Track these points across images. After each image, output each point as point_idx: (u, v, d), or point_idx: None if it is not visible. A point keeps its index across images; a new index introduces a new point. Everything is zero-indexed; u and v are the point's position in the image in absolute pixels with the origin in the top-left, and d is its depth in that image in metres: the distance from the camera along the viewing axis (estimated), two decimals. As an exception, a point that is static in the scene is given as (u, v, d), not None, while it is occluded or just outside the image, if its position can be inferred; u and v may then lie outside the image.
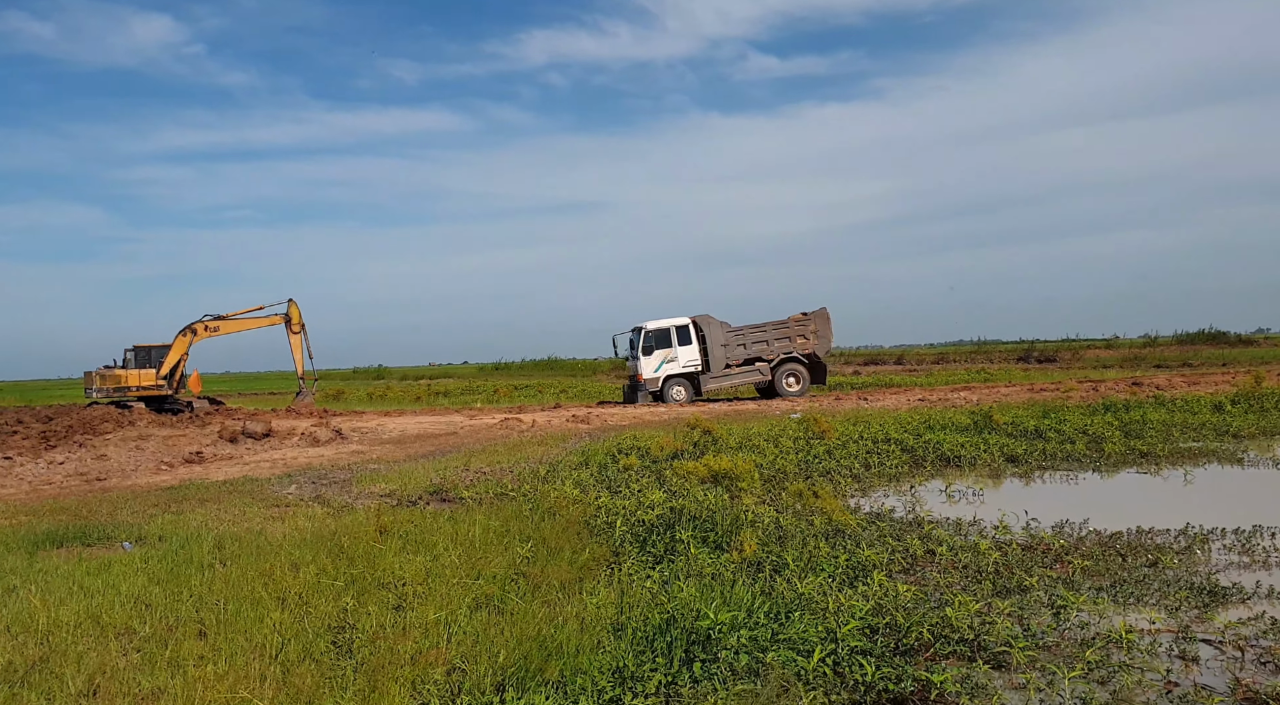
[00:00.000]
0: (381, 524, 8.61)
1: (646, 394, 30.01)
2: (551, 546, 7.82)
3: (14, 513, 12.12)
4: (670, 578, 6.85)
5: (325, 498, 12.45)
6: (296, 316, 36.89)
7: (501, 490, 12.20)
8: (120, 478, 16.55)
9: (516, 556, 7.47)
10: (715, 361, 30.23)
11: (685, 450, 14.43)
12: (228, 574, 7.69)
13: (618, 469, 13.48)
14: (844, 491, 11.62)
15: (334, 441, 21.08)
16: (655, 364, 30.10)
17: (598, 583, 6.81)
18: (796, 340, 31.10)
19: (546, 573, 6.97)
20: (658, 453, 14.65)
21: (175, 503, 12.37)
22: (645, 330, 30.09)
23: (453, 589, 6.79)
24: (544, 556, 7.36)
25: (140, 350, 35.91)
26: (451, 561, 7.52)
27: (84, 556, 9.06)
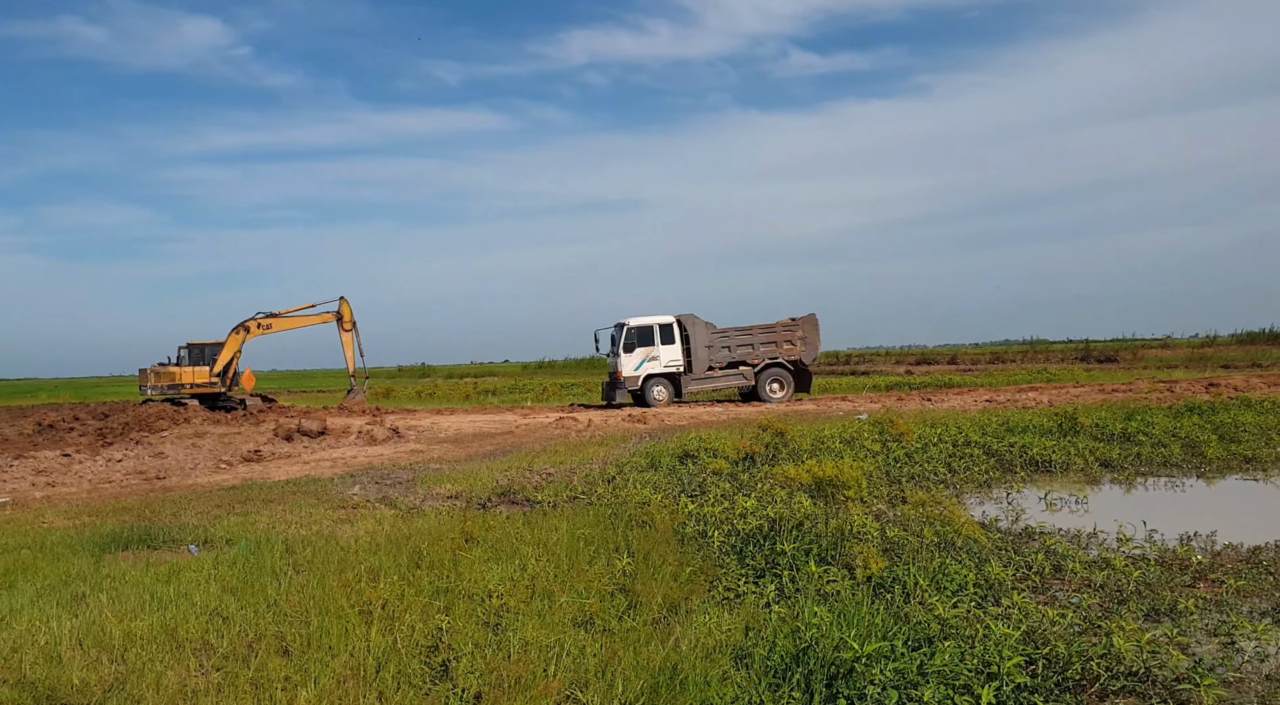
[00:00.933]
0: (467, 531, 8.14)
1: (625, 392, 28.95)
2: (647, 559, 7.29)
3: (77, 512, 11.87)
4: (789, 597, 6.30)
5: (391, 499, 12.05)
6: (348, 314, 36.83)
7: (573, 493, 11.73)
8: (180, 476, 16.33)
9: (615, 570, 6.95)
10: (698, 363, 29.23)
11: (758, 453, 13.85)
12: (304, 583, 7.26)
13: (688, 472, 12.96)
14: (937, 498, 10.97)
15: (391, 440, 20.77)
16: (636, 362, 28.90)
17: (705, 601, 6.28)
18: (783, 346, 30.17)
19: (650, 589, 6.45)
20: (730, 455, 14.11)
21: (239, 504, 12.05)
22: (628, 326, 28.91)
23: (550, 604, 6.29)
24: (645, 571, 6.83)
25: (194, 348, 36.07)
26: (542, 573, 7.03)
27: (151, 561, 8.71)
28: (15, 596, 7.30)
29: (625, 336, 28.69)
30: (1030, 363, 53.15)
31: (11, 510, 12.25)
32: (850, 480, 7.23)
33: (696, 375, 29.19)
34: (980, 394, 28.26)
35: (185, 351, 36.11)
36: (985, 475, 12.81)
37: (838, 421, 19.69)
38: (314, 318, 36.91)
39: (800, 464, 13.33)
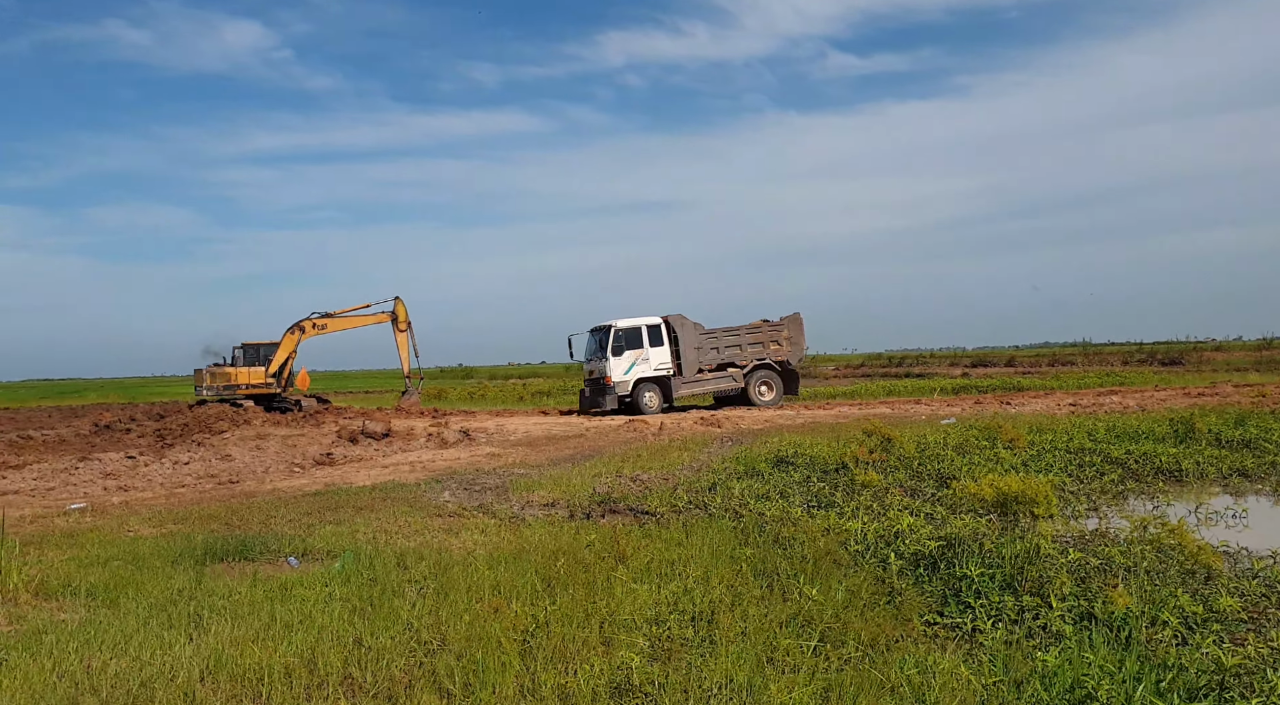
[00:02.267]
0: (620, 550, 7.47)
1: (614, 398, 27.11)
2: (812, 582, 6.58)
3: (160, 520, 11.37)
4: (984, 632, 5.57)
5: (488, 507, 11.44)
6: (403, 314, 36.48)
7: (679, 502, 11.04)
8: (255, 481, 15.85)
9: (779, 593, 6.23)
10: (688, 365, 27.92)
11: (864, 459, 13.08)
12: (435, 604, 6.63)
13: (790, 479, 12.24)
14: (1077, 511, 10.16)
15: (462, 443, 20.22)
16: (625, 366, 27.31)
17: (907, 636, 5.55)
18: (770, 346, 29.02)
19: (836, 619, 5.73)
20: (832, 461, 13.38)
21: (328, 510, 11.49)
22: (616, 329, 27.40)
23: (721, 634, 5.60)
24: (818, 596, 6.10)
25: (249, 348, 35.85)
26: (703, 596, 6.34)
27: (255, 575, 8.15)
28: (124, 617, 6.74)
29: (614, 339, 27.16)
30: (1090, 366, 51.70)
31: (92, 517, 11.79)
32: (1039, 496, 6.48)
33: (686, 378, 27.89)
34: (1058, 397, 27.21)
35: (240, 351, 35.90)
36: (1117, 486, 11.95)
37: (921, 426, 18.86)
38: (369, 318, 36.60)
39: (911, 468, 12.61)
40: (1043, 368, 52.22)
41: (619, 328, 27.49)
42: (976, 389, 33.84)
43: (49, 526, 11.15)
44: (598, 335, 28.20)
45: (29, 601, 7.39)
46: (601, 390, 27.28)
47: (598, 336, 28.18)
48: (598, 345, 27.98)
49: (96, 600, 7.37)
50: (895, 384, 37.55)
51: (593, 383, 27.97)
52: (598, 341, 28.09)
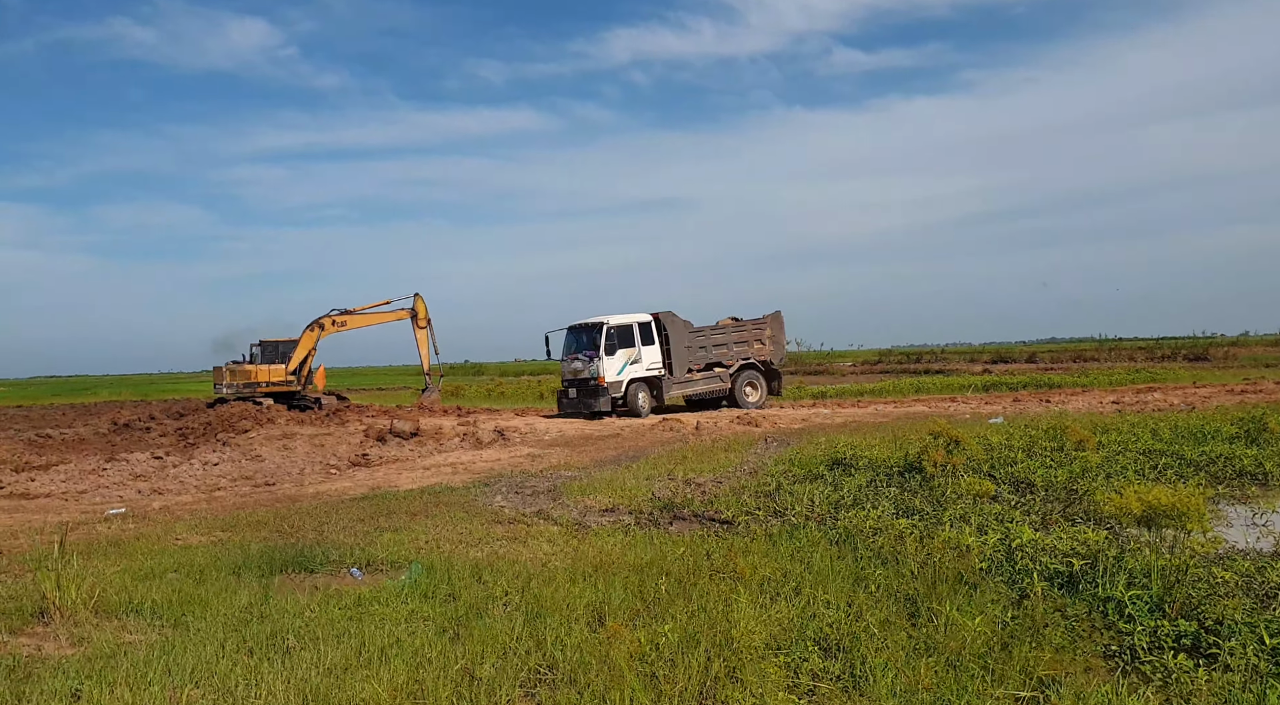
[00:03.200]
0: (736, 567, 6.95)
1: (608, 400, 25.43)
2: (945, 604, 6.07)
3: (207, 526, 10.90)
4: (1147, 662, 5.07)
5: (547, 513, 10.95)
6: (423, 311, 36.01)
7: (747, 509, 10.55)
8: (293, 484, 15.38)
9: (944, 623, 5.72)
10: (678, 365, 26.66)
11: (942, 461, 12.56)
12: (537, 627, 6.14)
13: (857, 483, 11.73)
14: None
15: (497, 443, 19.75)
16: (619, 365, 25.68)
17: (1076, 671, 5.05)
18: (754, 345, 28.11)
19: (1001, 653, 5.22)
20: (894, 463, 12.89)
21: (381, 516, 11.02)
22: (609, 326, 25.74)
23: (878, 672, 5.09)
24: (982, 629, 5.58)
25: (267, 345, 35.42)
26: (830, 620, 5.84)
27: (326, 590, 7.67)
28: (197, 640, 6.26)
29: (606, 337, 25.55)
30: (1112, 362, 51.10)
31: (135, 523, 11.32)
32: (1190, 509, 5.96)
33: (677, 378, 26.69)
34: (1095, 395, 26.69)
35: (258, 349, 35.48)
36: (1205, 491, 11.39)
37: (971, 425, 18.35)
38: (389, 314, 36.14)
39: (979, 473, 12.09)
40: (1066, 364, 51.66)
41: (612, 325, 25.96)
42: (1007, 386, 33.32)
43: (92, 534, 10.69)
44: (585, 333, 26.49)
45: (89, 620, 6.92)
46: (593, 391, 25.66)
47: (585, 334, 26.48)
48: (586, 343, 26.28)
49: (162, 619, 6.90)
50: (922, 381, 37.00)
51: (580, 383, 26.17)
52: (585, 339, 26.37)
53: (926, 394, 31.87)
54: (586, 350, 25.91)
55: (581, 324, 26.67)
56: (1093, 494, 9.77)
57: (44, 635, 6.71)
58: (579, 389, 26.07)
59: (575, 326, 26.89)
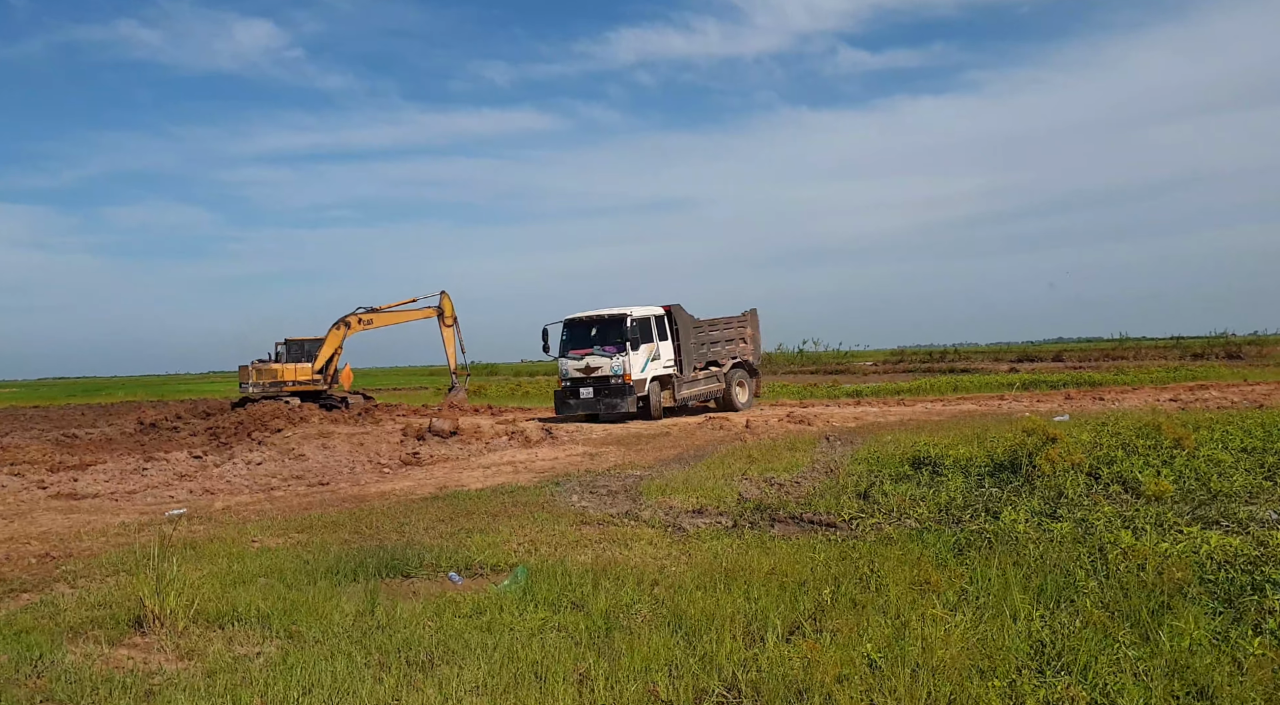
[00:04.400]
0: (925, 576, 6.39)
1: (634, 400, 23.13)
2: (1158, 621, 5.51)
3: (280, 528, 10.38)
4: None
5: (635, 514, 10.41)
6: (449, 309, 35.55)
7: (848, 511, 10.01)
8: (348, 483, 14.86)
9: (1173, 644, 5.16)
10: (687, 363, 24.74)
11: (1058, 460, 12.00)
12: (695, 643, 5.61)
13: (955, 483, 11.19)
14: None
15: (545, 441, 19.21)
16: (642, 362, 23.45)
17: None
18: (738, 343, 26.65)
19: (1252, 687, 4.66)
20: (982, 462, 12.35)
21: (460, 517, 10.48)
22: (633, 318, 23.48)
23: (1140, 696, 4.52)
24: (1225, 655, 4.99)
25: (292, 344, 34.97)
26: (1046, 639, 5.29)
27: (426, 595, 7.16)
28: (317, 653, 5.74)
29: (631, 331, 23.35)
30: (1143, 360, 50.39)
31: (203, 525, 10.80)
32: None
33: (686, 377, 24.74)
34: (1147, 393, 26.09)
35: (284, 348, 35.01)
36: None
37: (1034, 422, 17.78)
38: (415, 313, 35.69)
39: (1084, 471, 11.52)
40: (1093, 362, 50.95)
41: (636, 317, 23.64)
42: (1048, 384, 32.66)
43: (163, 536, 10.16)
44: (600, 326, 24.17)
45: (192, 630, 6.41)
46: (618, 391, 23.36)
47: (600, 327, 24.16)
48: (602, 337, 23.96)
49: (271, 628, 6.37)
50: (959, 380, 36.36)
51: (600, 382, 23.60)
52: (601, 333, 24.06)
53: (964, 392, 31.25)
54: (606, 344, 23.75)
55: (596, 316, 24.38)
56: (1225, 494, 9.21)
57: (146, 646, 6.20)
58: (598, 388, 23.68)
59: (584, 319, 24.52)
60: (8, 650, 6.10)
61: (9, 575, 8.35)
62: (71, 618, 6.83)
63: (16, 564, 8.84)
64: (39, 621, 6.79)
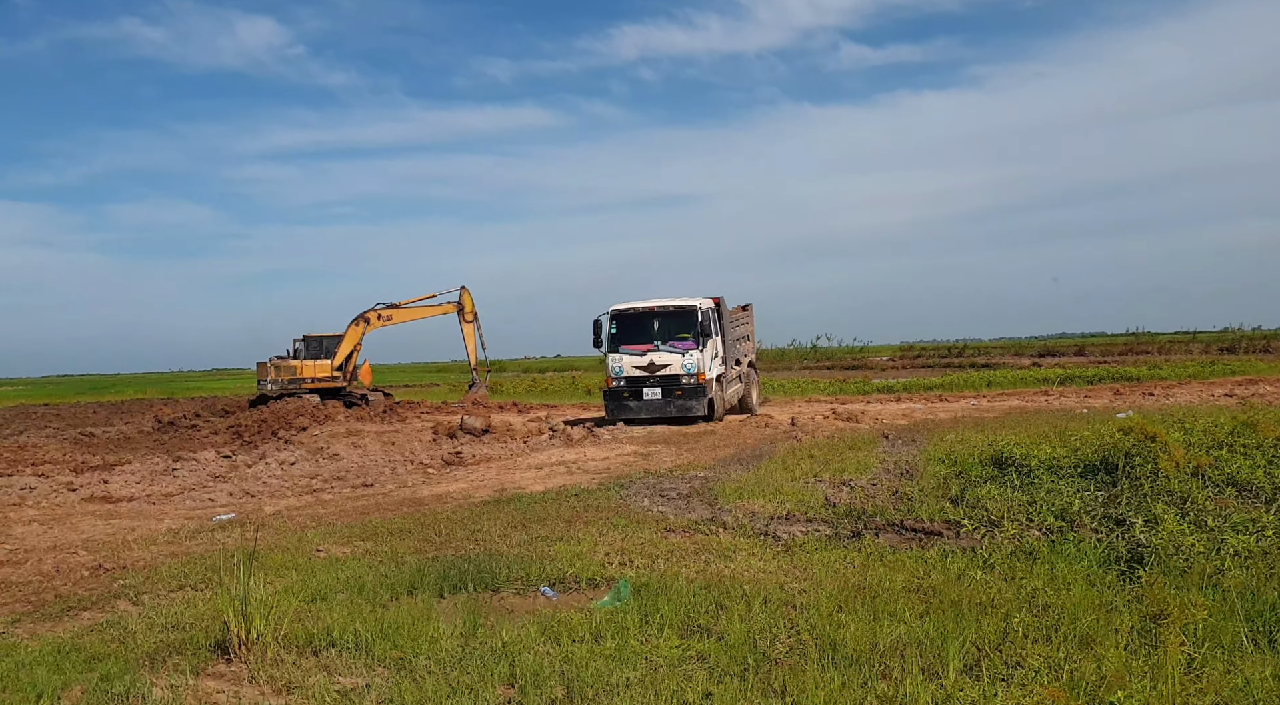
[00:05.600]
0: (1161, 604, 5.69)
1: (707, 402, 20.99)
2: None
3: (342, 535, 9.70)
4: None
5: (718, 520, 9.73)
6: (470, 304, 34.94)
7: (946, 516, 9.34)
8: (395, 485, 14.19)
9: None
10: (729, 361, 22.96)
11: (1113, 461, 11.33)
12: (873, 680, 4.94)
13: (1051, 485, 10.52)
14: None
15: (588, 440, 18.54)
16: (708, 359, 21.38)
17: None
18: (745, 341, 25.22)
19: None
20: (1068, 462, 11.67)
21: (531, 522, 9.81)
22: (702, 310, 21.41)
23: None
24: None
25: (310, 340, 34.34)
26: None
27: (524, 612, 6.50)
28: (435, 686, 5.08)
29: (701, 323, 21.24)
30: (1167, 355, 49.66)
31: (258, 532, 10.12)
32: None
33: (729, 377, 22.97)
34: (1195, 388, 25.45)
35: (301, 344, 34.38)
36: None
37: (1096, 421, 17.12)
38: (435, 308, 35.10)
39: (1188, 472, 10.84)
40: (1118, 357, 50.25)
41: (704, 308, 21.54)
42: (1084, 379, 32.01)
43: (213, 544, 9.51)
44: (664, 318, 21.82)
45: (284, 658, 5.74)
46: (692, 392, 21.03)
47: (662, 319, 21.81)
48: (662, 330, 21.68)
49: (372, 656, 5.70)
50: (992, 375, 35.64)
51: (667, 382, 21.21)
52: (662, 325, 21.75)
53: (1001, 389, 30.60)
54: (669, 339, 21.57)
55: (657, 307, 22.00)
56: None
57: (235, 677, 5.53)
58: (667, 388, 21.22)
59: (639, 310, 22.09)
60: (81, 680, 5.45)
61: (64, 591, 7.70)
62: (144, 642, 6.16)
63: (69, 577, 8.18)
64: (108, 646, 6.13)
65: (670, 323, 21.68)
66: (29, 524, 11.08)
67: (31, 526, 10.92)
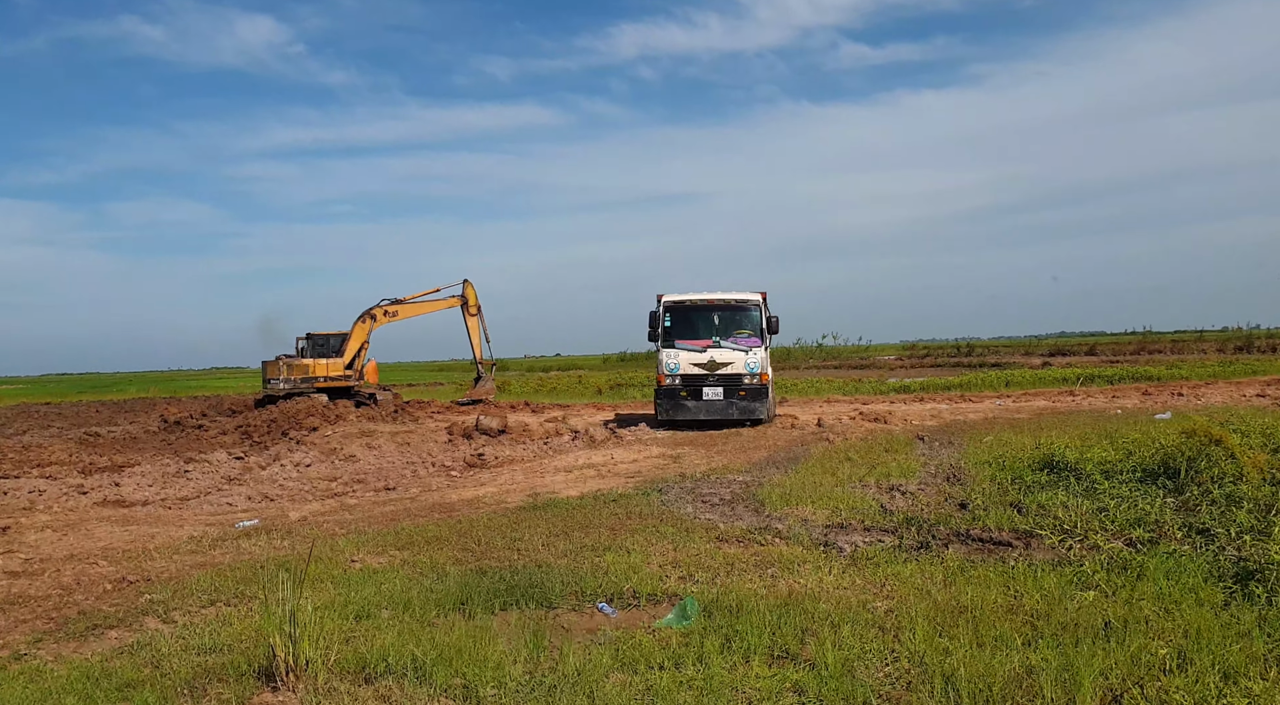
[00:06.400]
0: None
1: (767, 406, 19.74)
2: None
3: (375, 543, 9.17)
4: None
5: (770, 528, 9.22)
6: (473, 298, 34.47)
7: (1015, 525, 8.85)
8: (419, 488, 13.68)
9: None
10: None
11: (1175, 464, 10.85)
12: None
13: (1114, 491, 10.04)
14: None
15: (612, 441, 18.04)
16: (766, 358, 20.09)
17: None
18: None
19: None
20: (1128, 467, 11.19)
21: (574, 530, 9.29)
22: (764, 304, 20.12)
23: None
24: None
25: (316, 338, 33.80)
26: None
27: (581, 632, 6.01)
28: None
29: (768, 321, 19.98)
30: (1180, 353, 49.15)
31: (282, 539, 9.61)
32: None
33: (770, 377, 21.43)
34: (1222, 388, 24.95)
35: (305, 342, 33.84)
36: None
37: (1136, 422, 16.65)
38: (440, 303, 34.59)
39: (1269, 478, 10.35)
40: (1129, 356, 49.74)
41: (761, 303, 20.13)
42: (1105, 379, 31.51)
43: (240, 553, 9.00)
44: (723, 312, 20.19)
45: (337, 686, 5.23)
46: (755, 393, 19.58)
47: (722, 314, 20.20)
48: (722, 326, 20.10)
49: (434, 685, 5.20)
50: (1010, 375, 35.10)
51: (729, 382, 19.64)
52: (721, 321, 20.16)
53: (1020, 388, 30.09)
54: (728, 335, 19.98)
55: (717, 300, 20.29)
56: None
57: (285, 708, 5.03)
58: (729, 389, 19.57)
59: (696, 303, 20.28)
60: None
61: (87, 606, 7.18)
62: (180, 667, 5.65)
63: (91, 590, 7.67)
64: (141, 672, 5.62)
65: (729, 318, 20.24)
66: (42, 530, 10.58)
67: (45, 533, 10.42)
